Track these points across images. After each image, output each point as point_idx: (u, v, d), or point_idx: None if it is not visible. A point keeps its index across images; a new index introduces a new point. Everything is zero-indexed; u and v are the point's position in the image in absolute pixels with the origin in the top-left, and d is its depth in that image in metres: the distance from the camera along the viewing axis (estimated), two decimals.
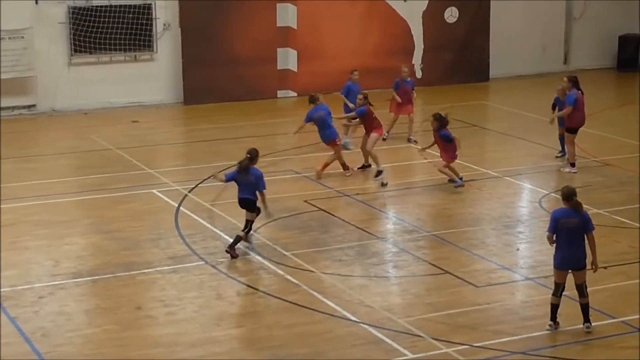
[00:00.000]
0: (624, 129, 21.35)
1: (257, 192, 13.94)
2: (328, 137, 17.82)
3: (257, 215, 14.14)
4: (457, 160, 17.43)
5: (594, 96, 22.40)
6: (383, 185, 17.29)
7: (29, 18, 23.54)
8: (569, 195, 11.50)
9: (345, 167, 18.00)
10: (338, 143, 17.76)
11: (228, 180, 14.21)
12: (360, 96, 18.14)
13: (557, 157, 19.21)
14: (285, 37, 25.57)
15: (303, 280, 13.19)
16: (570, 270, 11.52)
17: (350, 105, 19.62)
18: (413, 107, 20.72)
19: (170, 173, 18.57)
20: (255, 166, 14.08)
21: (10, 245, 14.62)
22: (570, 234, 11.39)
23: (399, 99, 20.48)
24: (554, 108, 19.07)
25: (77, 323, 11.95)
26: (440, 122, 17.22)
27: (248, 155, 14.00)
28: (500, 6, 27.47)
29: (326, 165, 17.74)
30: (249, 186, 13.94)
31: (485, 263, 13.86)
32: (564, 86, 18.58)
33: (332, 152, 17.83)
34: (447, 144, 17.32)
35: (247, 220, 14.11)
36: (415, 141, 20.30)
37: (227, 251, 13.96)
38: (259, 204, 14.07)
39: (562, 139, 19.03)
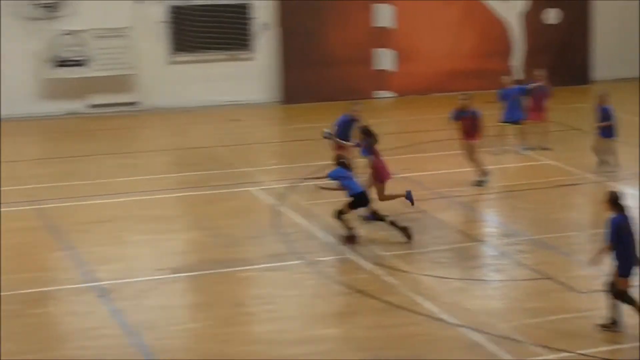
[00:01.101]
0: None
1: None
2: None
3: None
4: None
5: None
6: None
7: (129, 17, 23.99)
8: (617, 199, 11.21)
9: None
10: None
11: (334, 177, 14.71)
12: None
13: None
14: (382, 37, 25.52)
15: (401, 281, 13.12)
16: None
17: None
18: (544, 113, 20.15)
19: (268, 172, 18.68)
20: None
21: (113, 240, 14.91)
22: (631, 238, 11.19)
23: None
24: (603, 120, 18.42)
25: (179, 317, 12.10)
26: (369, 136, 15.40)
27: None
28: (602, 6, 26.93)
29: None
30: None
31: (589, 269, 13.55)
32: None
33: None
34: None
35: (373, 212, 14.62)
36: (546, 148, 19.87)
37: (407, 235, 14.41)
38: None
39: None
